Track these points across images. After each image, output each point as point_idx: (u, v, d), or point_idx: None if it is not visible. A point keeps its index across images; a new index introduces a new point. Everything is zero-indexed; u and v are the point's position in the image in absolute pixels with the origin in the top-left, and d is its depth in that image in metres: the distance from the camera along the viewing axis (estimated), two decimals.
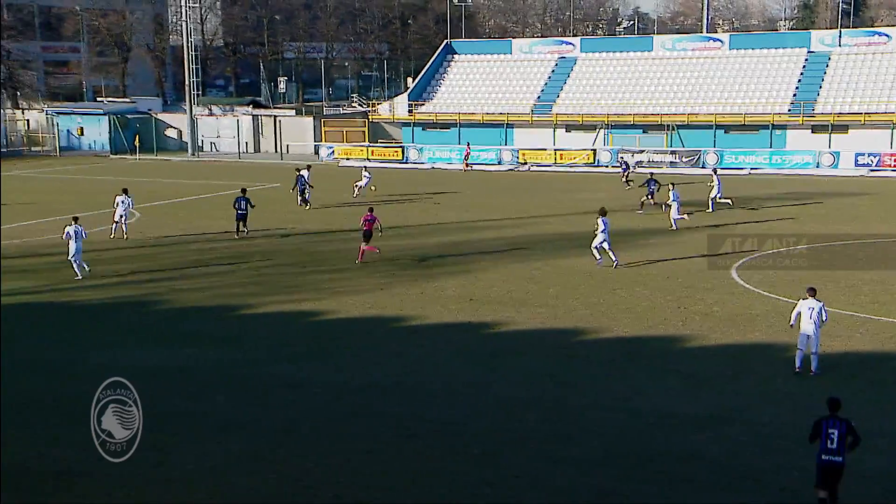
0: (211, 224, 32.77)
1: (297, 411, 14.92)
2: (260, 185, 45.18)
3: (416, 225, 33.27)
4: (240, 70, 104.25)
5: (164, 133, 66.27)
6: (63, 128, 65.60)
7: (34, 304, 21.85)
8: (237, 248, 29.02)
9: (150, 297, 22.70)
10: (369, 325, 20.09)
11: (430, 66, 66.72)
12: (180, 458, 13.09)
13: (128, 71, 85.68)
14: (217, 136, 65.86)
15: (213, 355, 17.86)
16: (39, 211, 35.31)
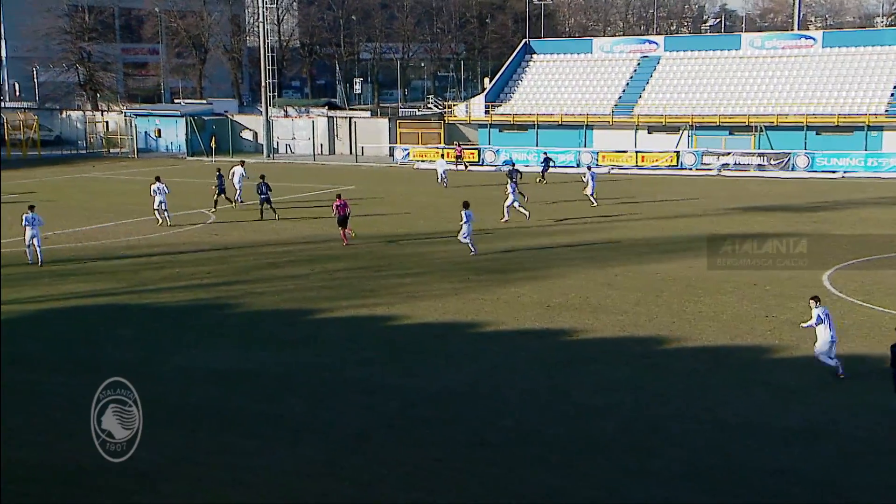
0: (285, 227, 33.30)
1: (370, 417, 15.08)
2: (335, 187, 45.74)
3: (492, 229, 33.27)
4: (315, 71, 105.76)
5: (239, 135, 67.60)
6: (141, 129, 67.41)
7: (112, 305, 22.51)
8: (311, 250, 29.45)
9: (225, 299, 23.19)
10: (443, 331, 20.17)
11: (508, 67, 66.70)
12: (254, 461, 13.34)
13: (205, 72, 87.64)
14: (292, 138, 66.91)
15: (287, 359, 18.16)
16: (117, 212, 36.33)
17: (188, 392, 16.11)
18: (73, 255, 28.33)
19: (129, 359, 18.04)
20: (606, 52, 65.41)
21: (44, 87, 79.35)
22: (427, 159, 58.68)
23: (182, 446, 13.77)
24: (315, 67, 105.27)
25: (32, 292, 23.33)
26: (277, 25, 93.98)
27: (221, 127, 66.30)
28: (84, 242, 30.27)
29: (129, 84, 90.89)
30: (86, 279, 25.05)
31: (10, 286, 24.02)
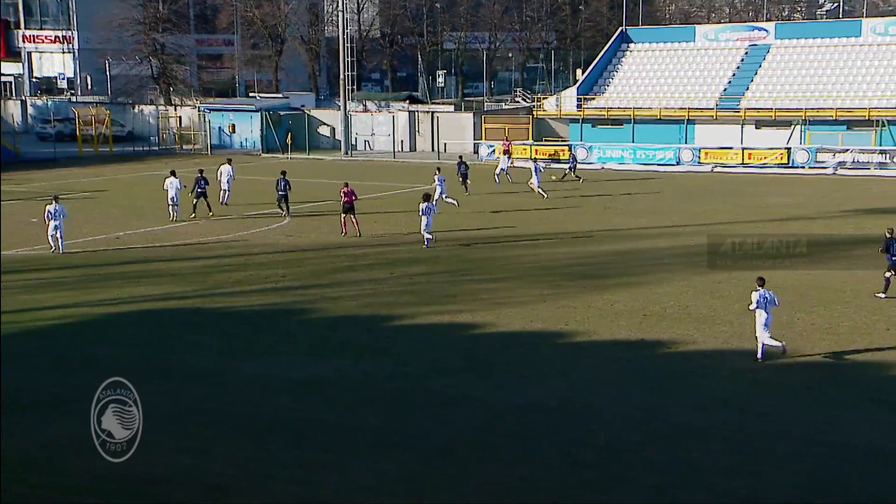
0: (364, 228, 33.60)
1: (452, 431, 15.13)
2: (417, 186, 46.04)
3: (585, 231, 33.08)
4: (396, 63, 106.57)
5: (316, 130, 68.53)
6: (214, 125, 68.83)
7: (183, 309, 23.05)
8: (389, 253, 29.69)
9: (300, 304, 23.54)
10: (531, 340, 20.13)
11: (603, 57, 66.21)
12: (330, 476, 13.51)
13: (281, 64, 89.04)
14: (371, 134, 67.55)
15: (364, 368, 18.36)
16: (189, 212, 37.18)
17: (261, 401, 16.40)
18: (145, 256, 29.12)
19: (201, 365, 18.45)
20: (710, 41, 64.39)
21: (116, 80, 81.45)
22: (515, 156, 58.49)
23: (254, 458, 14.02)
24: (396, 59, 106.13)
25: (103, 295, 24.06)
26: (357, 14, 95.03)
27: (297, 122, 67.29)
28: (155, 243, 31.09)
29: (203, 77, 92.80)
30: (157, 282, 25.72)
31: (81, 288, 24.85)
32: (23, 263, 27.89)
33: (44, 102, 78.83)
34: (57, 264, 27.95)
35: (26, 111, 78.05)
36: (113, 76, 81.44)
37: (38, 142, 67.99)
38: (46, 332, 20.87)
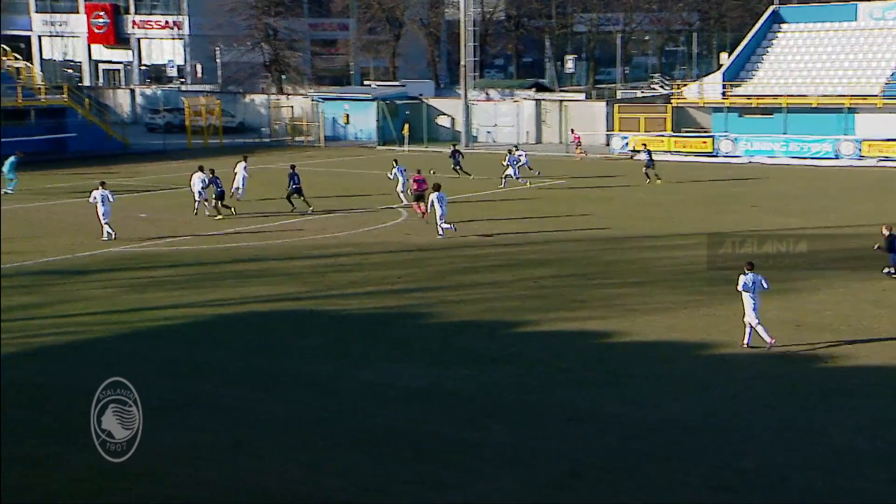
0: (482, 226, 33.73)
1: (582, 449, 15.04)
2: (543, 181, 45.95)
3: (729, 231, 32.43)
4: (522, 47, 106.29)
5: (435, 121, 69.00)
6: (328, 115, 70.00)
7: (296, 311, 23.54)
8: (514, 254, 29.70)
9: (419, 308, 23.76)
10: (669, 351, 19.87)
11: (751, 39, 64.68)
12: (450, 494, 13.58)
13: (398, 50, 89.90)
14: (494, 125, 67.62)
15: (487, 377, 18.41)
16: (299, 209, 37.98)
17: (378, 412, 16.61)
18: (256, 254, 29.86)
19: (314, 372, 18.80)
20: (876, 20, 62.17)
21: (226, 68, 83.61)
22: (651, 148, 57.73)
23: (370, 473, 14.21)
24: (522, 43, 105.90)
25: (213, 295, 24.77)
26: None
27: (416, 112, 67.88)
28: (267, 241, 31.84)
29: (317, 64, 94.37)
30: (269, 282, 26.33)
31: (191, 288, 25.64)
32: (131, 261, 28.95)
33: (153, 91, 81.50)
34: (166, 262, 28.92)
35: (135, 101, 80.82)
36: (223, 63, 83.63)
37: (147, 133, 70.34)
38: (155, 333, 21.60)
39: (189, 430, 15.74)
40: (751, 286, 19.47)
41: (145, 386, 17.70)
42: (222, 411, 16.67)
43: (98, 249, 30.05)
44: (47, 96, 62.08)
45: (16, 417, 16.15)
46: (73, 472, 14.13)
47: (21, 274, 27.02)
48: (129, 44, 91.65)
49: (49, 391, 17.69)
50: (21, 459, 14.46)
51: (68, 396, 17.28)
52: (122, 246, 30.67)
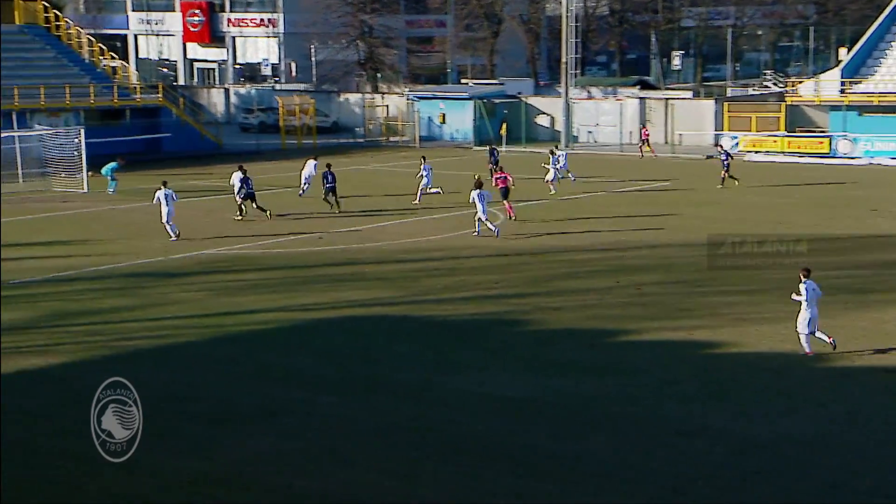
0: (586, 231, 33.52)
1: (688, 465, 14.83)
2: (647, 182, 45.53)
3: (846, 237, 31.72)
4: (626, 43, 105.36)
5: (533, 120, 68.83)
6: (424, 115, 70.36)
7: (389, 316, 23.72)
8: (616, 259, 29.47)
9: (515, 314, 23.71)
10: (782, 363, 19.50)
11: (873, 33, 63.01)
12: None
13: (496, 47, 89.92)
14: (595, 125, 67.18)
15: (587, 389, 18.28)
16: (396, 211, 38.24)
17: (473, 422, 16.62)
18: (348, 258, 30.15)
19: (408, 379, 18.90)
20: None
21: (321, 66, 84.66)
22: (762, 149, 56.86)
23: (464, 486, 14.22)
24: (626, 39, 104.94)
25: (305, 299, 25.09)
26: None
27: (514, 111, 67.77)
28: (361, 244, 32.13)
29: (412, 62, 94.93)
30: (362, 286, 26.56)
31: (284, 291, 26.01)
32: (223, 264, 29.48)
33: (247, 91, 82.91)
34: (258, 265, 29.39)
35: (229, 100, 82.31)
36: (318, 62, 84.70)
37: (240, 133, 71.59)
38: (248, 337, 21.97)
39: (281, 438, 15.94)
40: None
41: (237, 391, 18.16)
42: (314, 418, 16.86)
43: (191, 252, 30.68)
44: (142, 96, 63.61)
45: None
46: (163, 479, 14.43)
47: (114, 276, 27.74)
48: (223, 42, 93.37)
49: (141, 394, 17.95)
50: (111, 465, 14.79)
51: (160, 401, 17.65)
52: (214, 249, 31.24)
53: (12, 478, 14.25)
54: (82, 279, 27.35)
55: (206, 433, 16.12)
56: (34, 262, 29.22)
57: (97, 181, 42.87)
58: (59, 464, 14.81)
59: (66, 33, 64.64)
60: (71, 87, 57.59)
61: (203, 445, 15.60)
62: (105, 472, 14.39)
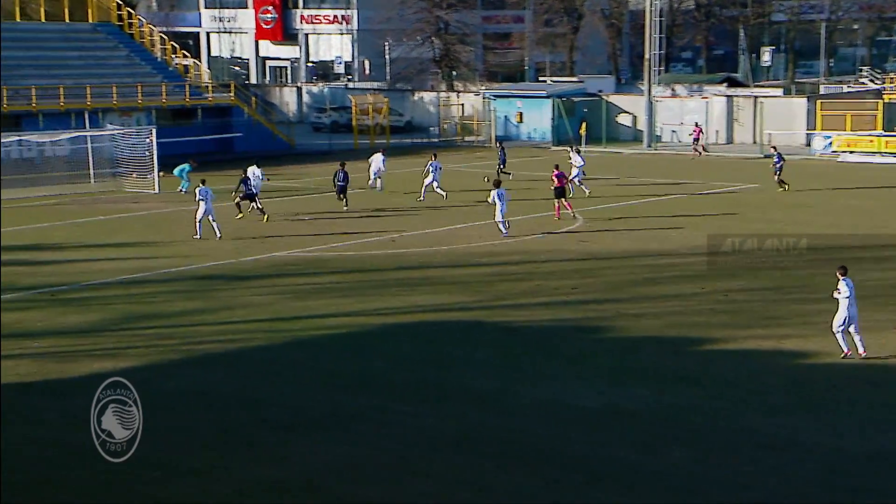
0: (668, 233, 33.22)
1: (777, 481, 14.64)
2: (732, 184, 45.01)
3: None
4: (713, 39, 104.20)
5: (614, 119, 68.45)
6: (500, 113, 70.34)
7: (464, 322, 23.76)
8: (700, 264, 29.21)
9: (595, 321, 23.64)
10: (877, 374, 19.23)
11: None
12: None
13: (576, 44, 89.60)
14: (679, 124, 66.56)
15: (669, 399, 18.16)
16: (471, 213, 38.28)
17: (551, 432, 16.59)
18: (421, 261, 30.27)
19: (483, 387, 18.92)
20: None
21: (395, 64, 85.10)
22: (857, 149, 55.84)
23: (541, 497, 14.21)
24: (712, 34, 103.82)
25: (377, 303, 25.24)
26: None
27: (594, 110, 67.44)
28: (434, 247, 32.24)
29: (489, 59, 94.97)
30: (435, 290, 26.66)
31: (355, 296, 26.19)
32: (294, 266, 29.81)
33: (319, 89, 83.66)
34: (329, 268, 29.64)
35: (301, 99, 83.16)
36: (392, 59, 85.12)
37: (312, 132, 72.26)
38: (318, 342, 22.18)
39: (352, 445, 16.06)
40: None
41: (308, 398, 18.35)
42: (387, 426, 16.96)
43: (262, 254, 31.06)
44: (214, 95, 64.54)
45: (179, 426, 16.86)
46: (235, 485, 14.64)
47: (185, 278, 28.20)
48: (296, 40, 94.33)
49: (211, 400, 18.38)
50: (183, 470, 15.07)
51: (231, 406, 17.95)
52: (286, 251, 31.57)
53: (85, 485, 14.57)
54: (153, 281, 27.84)
55: (278, 440, 16.30)
56: (105, 264, 29.84)
57: (168, 181, 43.60)
58: (131, 470, 15.06)
59: (139, 31, 65.91)
60: (143, 87, 58.70)
61: (276, 453, 15.78)
62: (178, 480, 14.67)
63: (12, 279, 27.87)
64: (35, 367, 20.15)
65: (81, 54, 62.58)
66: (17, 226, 35.89)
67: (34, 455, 15.55)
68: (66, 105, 54.55)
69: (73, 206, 37.76)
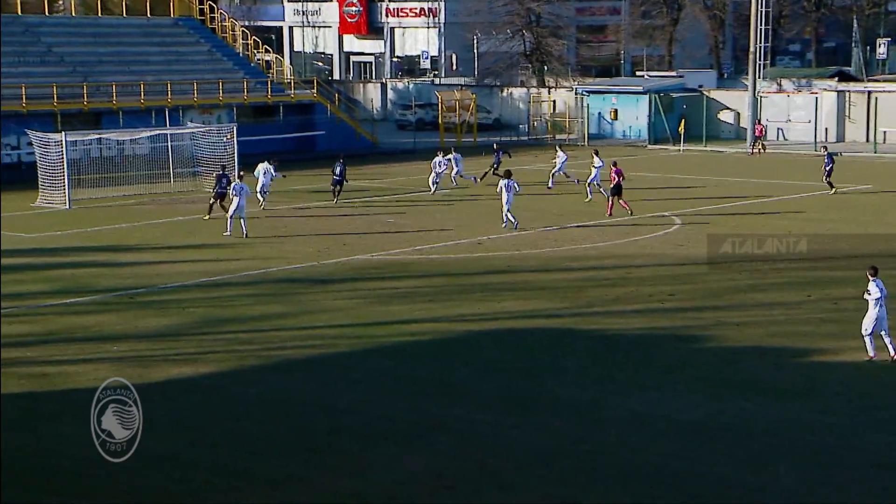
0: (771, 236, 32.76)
1: (889, 501, 14.40)
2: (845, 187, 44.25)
3: None
4: (823, 30, 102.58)
5: (716, 116, 67.75)
6: (594, 110, 70.06)
7: (553, 329, 23.72)
8: (807, 269, 28.84)
9: (692, 329, 23.43)
10: None
11: None
12: None
13: (676, 36, 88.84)
14: (786, 121, 65.71)
15: (772, 413, 17.93)
16: (562, 214, 38.19)
17: (645, 446, 16.49)
18: (509, 265, 30.27)
19: (574, 397, 18.87)
20: None
21: (483, 58, 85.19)
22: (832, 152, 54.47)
23: None
24: (823, 25, 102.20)
25: (462, 309, 25.32)
26: None
27: (694, 106, 66.87)
28: (521, 251, 32.21)
29: (583, 53, 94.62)
30: (523, 295, 26.64)
31: (440, 301, 26.32)
32: (377, 270, 30.01)
33: (404, 85, 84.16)
34: (413, 272, 29.80)
35: (386, 95, 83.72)
36: (480, 54, 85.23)
37: (397, 130, 72.72)
38: (401, 349, 22.30)
39: (436, 457, 16.13)
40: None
41: (390, 407, 18.46)
42: (472, 437, 17.00)
43: (344, 257, 31.33)
44: (296, 92, 65.19)
45: (257, 434, 17.11)
46: (313, 496, 14.78)
47: (265, 281, 28.57)
48: (381, 34, 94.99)
49: (291, 407, 18.60)
50: (261, 479, 15.27)
51: (310, 414, 18.15)
52: (369, 254, 31.82)
53: (162, 493, 14.86)
54: (232, 284, 28.26)
55: (358, 450, 16.44)
56: (184, 266, 30.36)
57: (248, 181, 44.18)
58: (209, 478, 15.33)
59: (221, 26, 66.94)
60: (224, 83, 59.57)
61: (355, 463, 15.91)
62: (254, 489, 14.88)
63: (90, 281, 28.59)
64: (113, 371, 20.51)
65: (162, 49, 63.77)
66: (96, 226, 36.78)
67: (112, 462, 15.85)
68: (146, 102, 55.66)
69: (151, 207, 38.50)
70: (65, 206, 40.55)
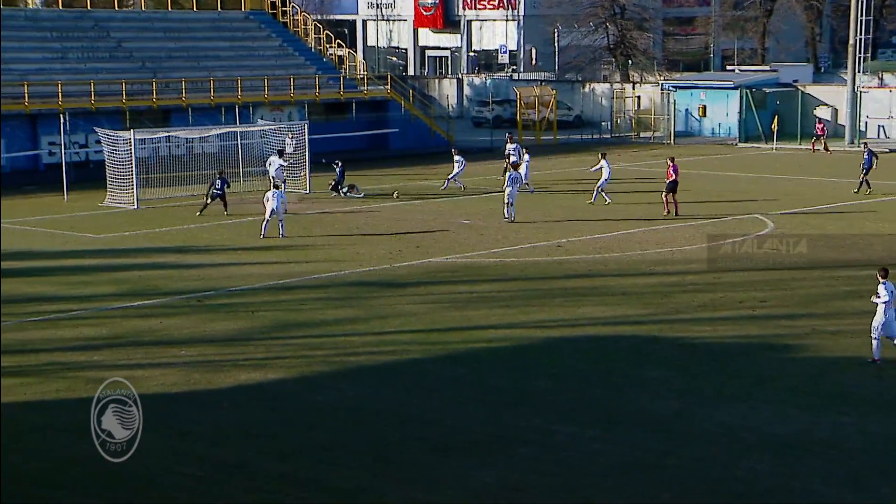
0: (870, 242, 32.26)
1: None
2: None
3: None
4: None
5: (812, 112, 66.82)
6: (681, 106, 69.50)
7: (636, 337, 23.62)
8: None
9: (784, 338, 23.19)
10: None
11: None
12: None
13: (769, 28, 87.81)
14: (888, 117, 64.68)
15: (872, 427, 17.71)
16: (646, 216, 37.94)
17: (734, 462, 16.34)
18: (590, 269, 30.15)
19: (658, 409, 18.76)
20: None
21: (564, 52, 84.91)
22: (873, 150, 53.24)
23: None
24: None
25: (541, 315, 25.27)
26: None
27: (787, 102, 66.06)
28: (603, 254, 32.08)
29: (669, 46, 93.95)
30: (604, 301, 26.55)
31: (517, 306, 26.29)
32: (452, 273, 30.05)
33: (482, 81, 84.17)
34: (490, 275, 29.79)
35: (462, 91, 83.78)
36: (561, 48, 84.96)
37: (473, 128, 72.65)
38: (477, 356, 22.31)
39: (512, 470, 16.11)
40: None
41: (464, 416, 18.49)
42: (550, 449, 16.96)
43: (417, 260, 31.42)
44: (370, 88, 65.41)
45: (327, 443, 17.23)
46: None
47: (336, 285, 28.74)
48: (458, 27, 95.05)
49: (362, 416, 18.70)
50: (331, 489, 15.38)
51: (382, 423, 18.22)
52: (444, 256, 31.89)
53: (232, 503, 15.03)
54: (303, 287, 28.49)
55: (431, 460, 16.49)
56: (253, 269, 30.65)
57: (319, 181, 44.57)
58: (280, 488, 15.47)
59: (293, 20, 67.45)
60: (295, 79, 60.01)
61: (428, 474, 15.97)
62: (324, 498, 14.97)
63: (158, 283, 29.01)
64: (181, 376, 20.87)
65: (232, 45, 64.48)
66: (164, 227, 37.29)
67: (182, 471, 16.09)
68: (215, 99, 56.24)
69: (220, 206, 38.91)
70: (133, 206, 41.17)
